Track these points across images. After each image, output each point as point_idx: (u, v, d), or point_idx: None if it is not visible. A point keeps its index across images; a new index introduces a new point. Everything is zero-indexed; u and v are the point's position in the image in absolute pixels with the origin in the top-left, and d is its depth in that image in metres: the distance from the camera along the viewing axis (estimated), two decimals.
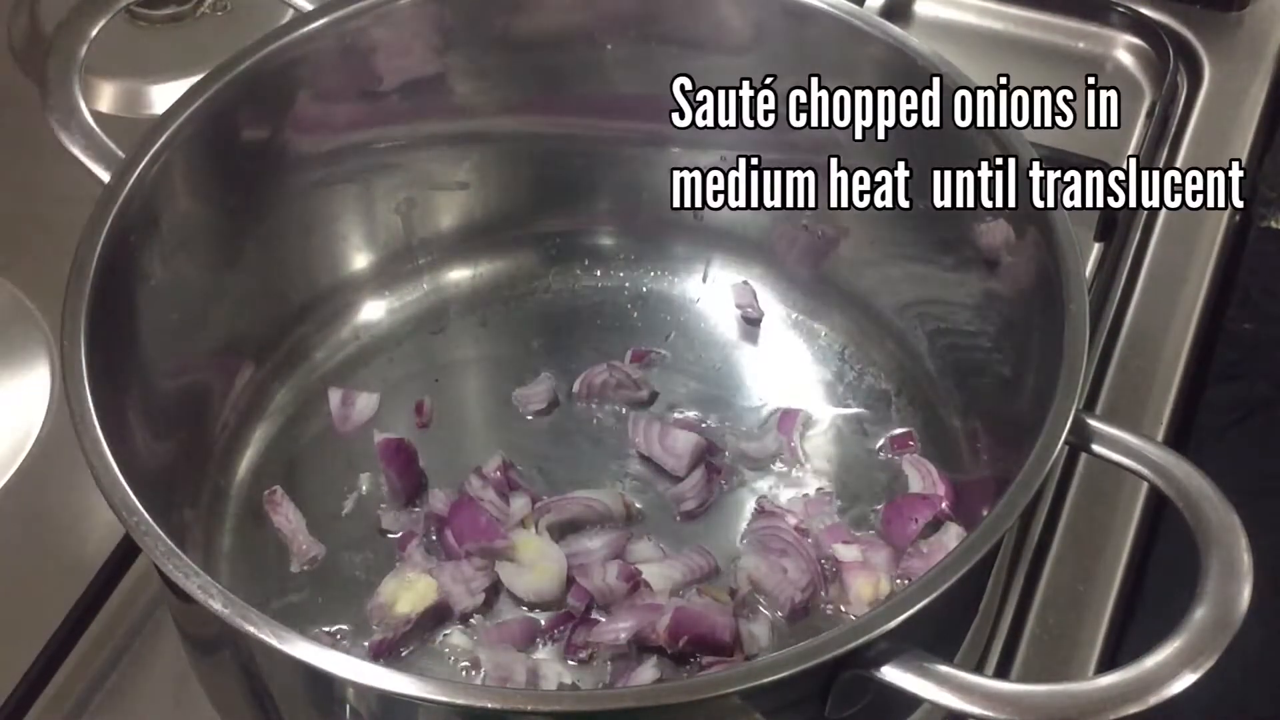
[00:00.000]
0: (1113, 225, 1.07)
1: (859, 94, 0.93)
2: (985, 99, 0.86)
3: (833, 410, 0.98)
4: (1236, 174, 1.12)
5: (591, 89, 0.99)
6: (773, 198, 1.00)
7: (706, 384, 0.99)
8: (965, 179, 0.88)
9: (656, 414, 0.97)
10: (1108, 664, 0.88)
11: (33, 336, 1.00)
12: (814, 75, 0.94)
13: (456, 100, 0.98)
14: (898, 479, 0.93)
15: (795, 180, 0.99)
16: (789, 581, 0.87)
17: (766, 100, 0.97)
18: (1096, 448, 0.74)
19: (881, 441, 0.95)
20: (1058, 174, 0.83)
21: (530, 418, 0.97)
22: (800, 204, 0.99)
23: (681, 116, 0.99)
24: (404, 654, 0.86)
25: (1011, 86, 0.90)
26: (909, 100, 0.90)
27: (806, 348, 1.01)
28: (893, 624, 0.66)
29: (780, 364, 1.00)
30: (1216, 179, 1.06)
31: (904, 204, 0.93)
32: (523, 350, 1.01)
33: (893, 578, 0.88)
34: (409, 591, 0.86)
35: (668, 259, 1.04)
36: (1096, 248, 1.07)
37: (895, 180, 0.93)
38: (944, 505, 0.89)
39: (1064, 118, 0.99)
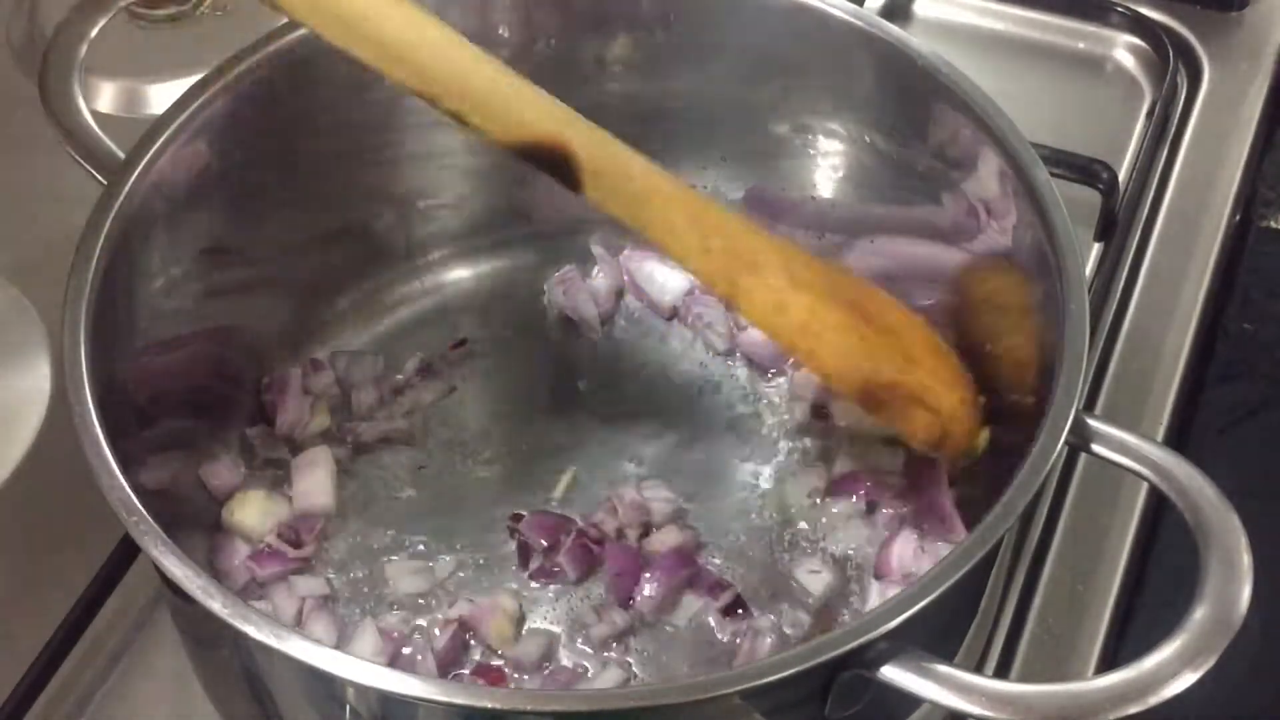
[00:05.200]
0: (1113, 225, 1.07)
1: (858, 94, 0.94)
2: (985, 98, 0.86)
3: (831, 410, 0.98)
4: (1236, 174, 1.13)
5: (592, 88, 0.99)
6: (772, 197, 1.01)
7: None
8: (965, 180, 0.88)
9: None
10: (1108, 664, 0.88)
11: (33, 336, 1.00)
12: (814, 75, 0.95)
13: None
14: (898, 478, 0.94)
15: (795, 181, 0.99)
16: None
17: (766, 100, 0.97)
18: (1096, 447, 0.74)
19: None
20: (1058, 174, 0.83)
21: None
22: (800, 205, 1.00)
23: (681, 116, 0.99)
24: None
25: (1011, 87, 0.91)
26: (909, 100, 0.90)
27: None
28: (893, 624, 0.66)
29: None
30: (1216, 179, 1.06)
31: (904, 204, 0.94)
32: (522, 350, 1.01)
33: None
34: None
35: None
36: (1096, 248, 1.07)
37: (895, 180, 0.94)
38: None
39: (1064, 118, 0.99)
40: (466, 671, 0.85)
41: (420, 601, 0.88)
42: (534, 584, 0.89)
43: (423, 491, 0.94)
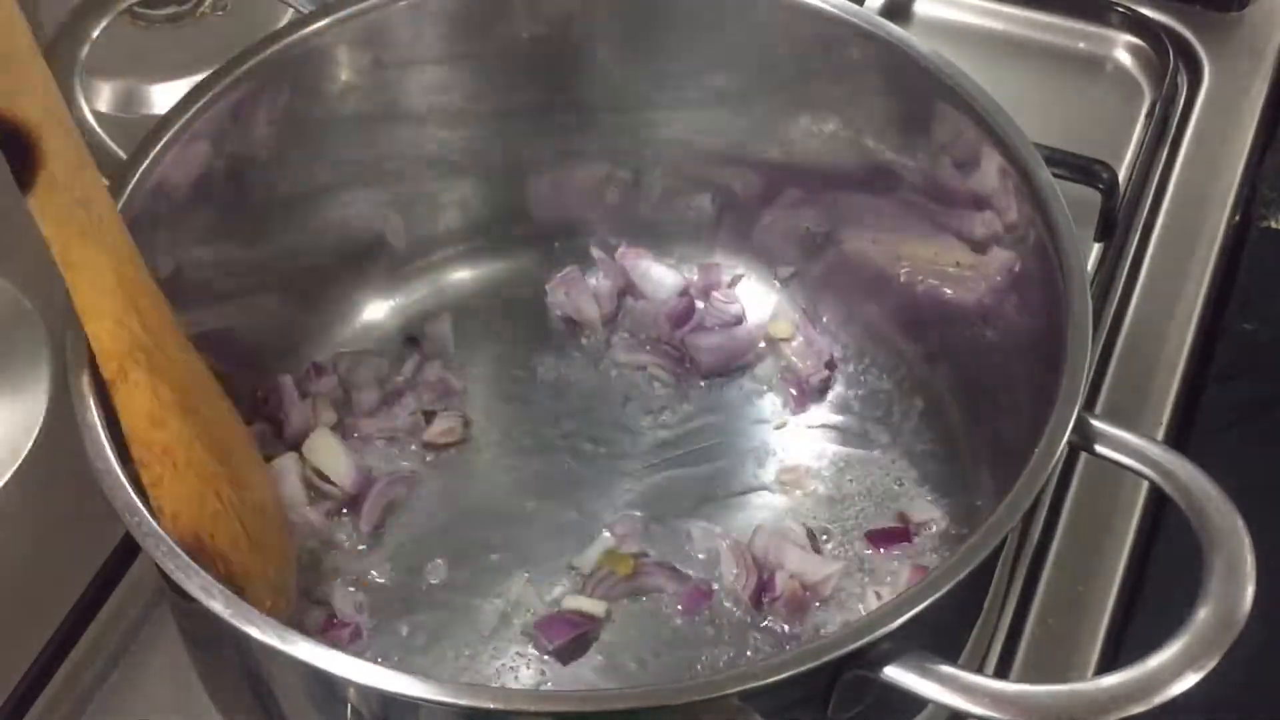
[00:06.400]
0: (1113, 225, 1.07)
1: (859, 94, 0.93)
2: (988, 98, 0.86)
3: (831, 409, 0.98)
4: (1236, 174, 1.13)
5: (593, 89, 0.99)
6: (774, 198, 1.01)
7: (704, 382, 0.99)
8: (967, 179, 0.88)
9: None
10: (1107, 664, 0.88)
11: (33, 336, 1.00)
12: (814, 75, 0.95)
13: (458, 100, 0.98)
14: (897, 478, 0.94)
15: (796, 181, 0.99)
16: None
17: (766, 100, 0.97)
18: (1099, 448, 0.74)
19: (884, 440, 0.96)
20: (1058, 174, 0.83)
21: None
22: (801, 204, 1.00)
23: (681, 116, 0.99)
24: None
25: (1011, 87, 0.91)
26: (911, 100, 0.90)
27: (806, 346, 1.00)
28: (895, 624, 0.66)
29: (779, 362, 1.00)
30: (1216, 179, 1.06)
31: (905, 203, 0.94)
32: (523, 351, 1.01)
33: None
34: None
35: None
36: (1096, 248, 1.07)
37: (896, 179, 0.94)
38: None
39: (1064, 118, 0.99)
40: None
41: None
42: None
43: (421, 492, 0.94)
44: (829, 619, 0.87)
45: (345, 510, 0.92)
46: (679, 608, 0.88)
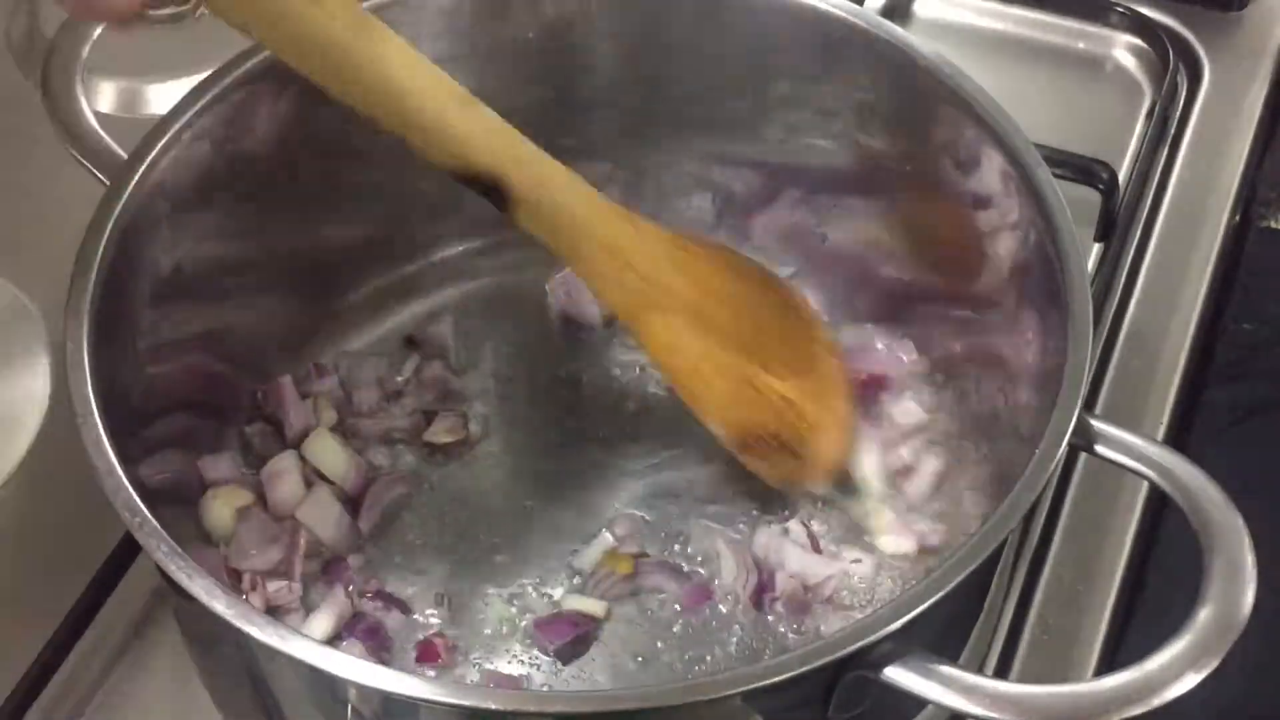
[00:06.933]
0: (1113, 225, 1.07)
1: (859, 94, 0.94)
2: (988, 99, 0.86)
3: None
4: (1236, 174, 1.13)
5: (593, 89, 0.99)
6: (773, 198, 1.01)
7: None
8: (967, 180, 0.88)
9: None
10: (1107, 664, 0.88)
11: (33, 336, 1.00)
12: (813, 75, 0.95)
13: None
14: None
15: (796, 182, 0.99)
16: None
17: (766, 100, 0.97)
18: (1099, 448, 0.74)
19: (888, 436, 0.96)
20: (1058, 174, 0.83)
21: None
22: (800, 204, 1.00)
23: (679, 117, 0.99)
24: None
25: (1011, 87, 0.91)
26: (911, 100, 0.90)
27: None
28: (897, 625, 0.66)
29: None
30: (1216, 179, 1.06)
31: (906, 204, 0.94)
32: (523, 351, 1.01)
33: None
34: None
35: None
36: (1096, 248, 1.07)
37: (896, 181, 0.94)
38: None
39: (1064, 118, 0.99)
40: None
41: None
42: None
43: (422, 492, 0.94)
44: (830, 619, 0.87)
45: (346, 510, 0.92)
46: (679, 608, 0.88)
